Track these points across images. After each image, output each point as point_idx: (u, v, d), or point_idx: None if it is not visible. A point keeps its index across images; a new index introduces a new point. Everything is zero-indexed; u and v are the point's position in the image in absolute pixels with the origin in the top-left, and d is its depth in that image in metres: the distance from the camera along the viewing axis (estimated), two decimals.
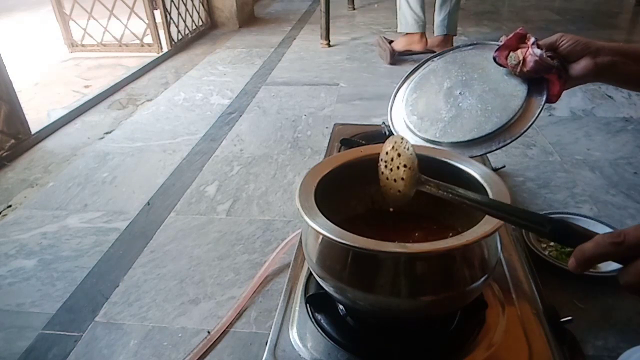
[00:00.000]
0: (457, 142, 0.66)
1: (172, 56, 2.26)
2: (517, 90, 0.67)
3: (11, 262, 0.91)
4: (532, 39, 0.64)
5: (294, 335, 0.55)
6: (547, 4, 3.01)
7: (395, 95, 0.77)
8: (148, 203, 1.08)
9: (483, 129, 0.65)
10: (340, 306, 0.58)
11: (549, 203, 1.00)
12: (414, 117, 0.72)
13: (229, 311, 0.75)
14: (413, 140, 0.68)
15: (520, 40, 0.66)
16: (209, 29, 2.70)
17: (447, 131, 0.68)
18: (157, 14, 2.24)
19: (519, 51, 0.65)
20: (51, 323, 0.77)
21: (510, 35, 0.66)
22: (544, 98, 0.65)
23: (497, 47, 0.68)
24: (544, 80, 0.65)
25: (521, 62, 0.65)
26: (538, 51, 0.63)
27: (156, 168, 1.24)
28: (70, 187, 1.16)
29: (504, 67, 0.68)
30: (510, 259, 0.67)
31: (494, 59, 0.68)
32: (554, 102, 0.66)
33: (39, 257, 0.92)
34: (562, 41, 0.63)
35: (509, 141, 0.65)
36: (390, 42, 1.99)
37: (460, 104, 0.69)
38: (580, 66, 0.63)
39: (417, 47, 1.97)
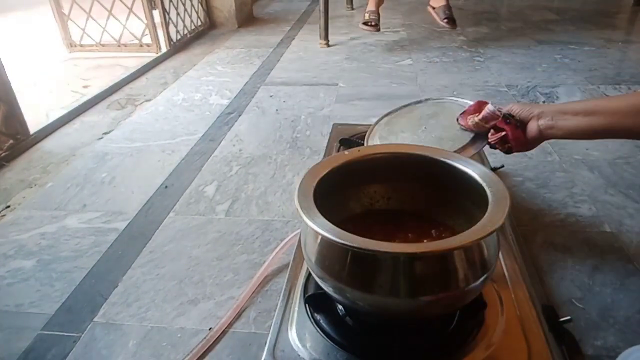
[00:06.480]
0: None
1: (171, 56, 2.26)
2: (465, 133, 0.81)
3: (10, 262, 0.91)
4: (490, 104, 0.76)
5: (293, 335, 0.55)
6: (545, 4, 3.01)
7: (374, 125, 0.90)
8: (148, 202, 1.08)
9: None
10: (340, 306, 0.58)
11: (547, 203, 1.00)
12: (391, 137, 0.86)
13: (228, 311, 0.75)
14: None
15: (481, 107, 0.77)
16: (207, 29, 2.70)
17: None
18: (156, 14, 2.24)
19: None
20: (50, 324, 0.77)
21: (473, 104, 0.79)
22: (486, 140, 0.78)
23: (462, 112, 0.80)
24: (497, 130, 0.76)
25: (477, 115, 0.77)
26: (491, 106, 0.75)
27: (155, 168, 1.24)
28: (69, 188, 1.16)
29: (464, 128, 0.80)
30: (509, 259, 0.67)
31: (457, 120, 0.81)
32: (513, 151, 0.77)
33: (37, 257, 0.92)
34: (513, 109, 0.76)
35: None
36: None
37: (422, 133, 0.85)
38: (529, 128, 0.74)
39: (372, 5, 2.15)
